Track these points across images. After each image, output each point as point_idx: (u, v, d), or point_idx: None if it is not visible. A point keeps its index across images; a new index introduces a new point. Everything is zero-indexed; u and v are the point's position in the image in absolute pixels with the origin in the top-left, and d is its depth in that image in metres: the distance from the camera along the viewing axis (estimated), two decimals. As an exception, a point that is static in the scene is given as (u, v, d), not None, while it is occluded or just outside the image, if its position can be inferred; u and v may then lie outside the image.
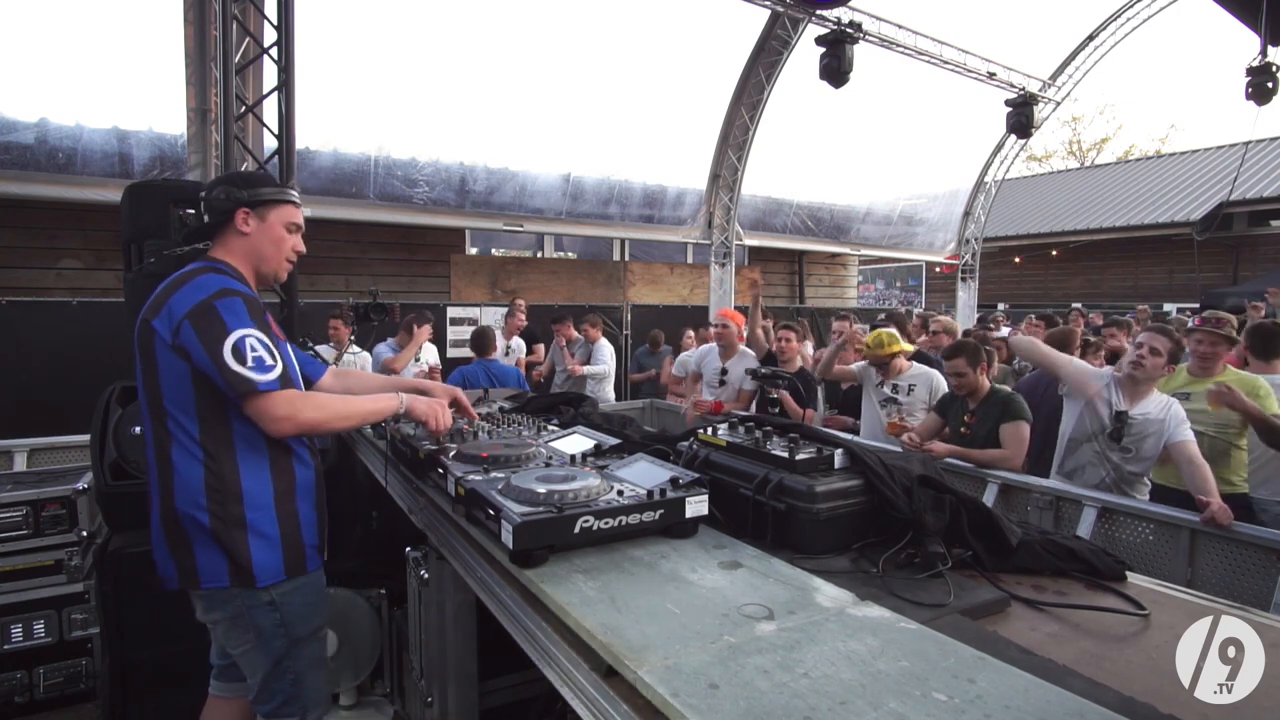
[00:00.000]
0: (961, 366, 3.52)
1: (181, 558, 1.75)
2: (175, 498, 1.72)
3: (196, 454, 1.72)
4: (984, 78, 10.77)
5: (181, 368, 1.70)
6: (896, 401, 4.07)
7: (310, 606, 1.87)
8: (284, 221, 1.91)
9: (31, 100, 6.08)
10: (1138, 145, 31.00)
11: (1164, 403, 3.08)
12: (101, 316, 6.31)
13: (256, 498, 1.76)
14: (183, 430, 1.72)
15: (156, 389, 1.73)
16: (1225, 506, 2.61)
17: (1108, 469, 3.14)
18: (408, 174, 8.11)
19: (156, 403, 1.74)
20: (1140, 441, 3.05)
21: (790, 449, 1.56)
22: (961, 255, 13.81)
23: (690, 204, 10.34)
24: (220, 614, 1.80)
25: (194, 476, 1.71)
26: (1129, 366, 3.12)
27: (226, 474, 1.73)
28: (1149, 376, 3.07)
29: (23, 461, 3.91)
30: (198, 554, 1.73)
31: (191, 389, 1.71)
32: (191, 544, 1.73)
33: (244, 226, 1.85)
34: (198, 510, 1.71)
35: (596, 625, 1.03)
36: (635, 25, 8.37)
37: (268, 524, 1.77)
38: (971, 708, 0.81)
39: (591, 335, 6.82)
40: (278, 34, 4.44)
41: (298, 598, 1.83)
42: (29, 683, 3.14)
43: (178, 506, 1.72)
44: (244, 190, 1.85)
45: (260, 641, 1.80)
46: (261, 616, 1.78)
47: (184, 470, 1.72)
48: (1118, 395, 3.12)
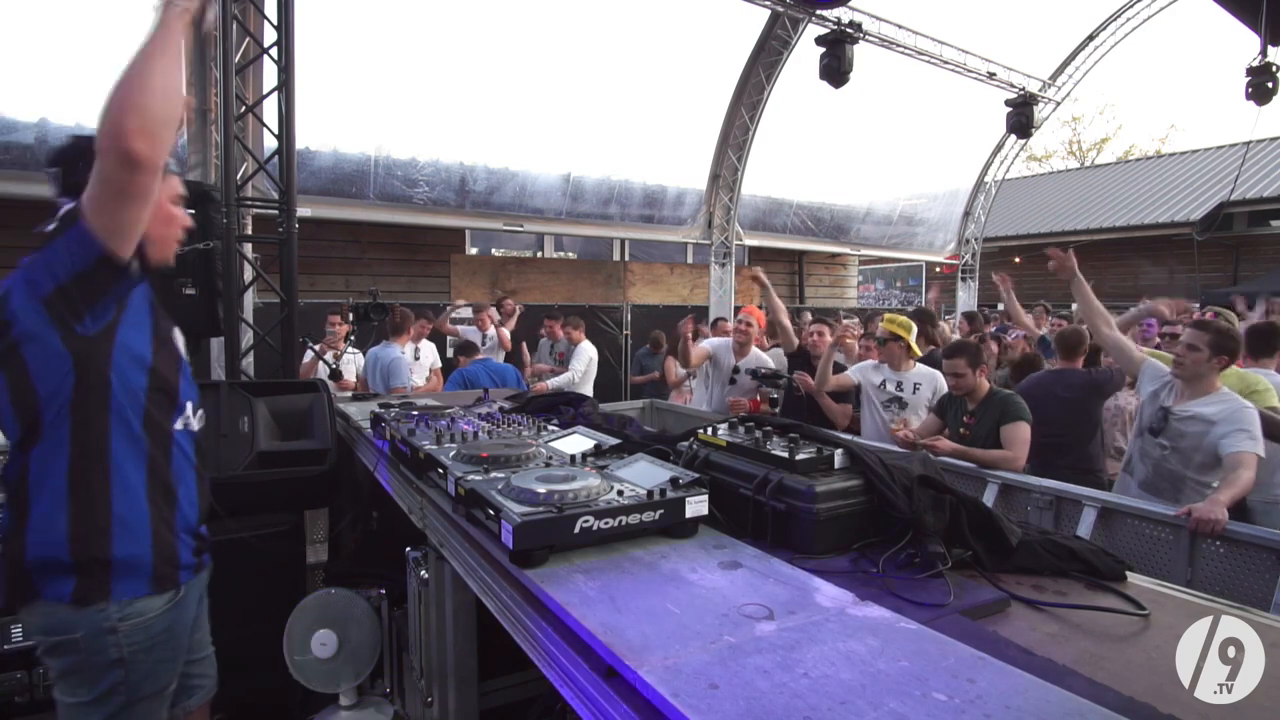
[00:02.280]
0: (962, 367, 3.52)
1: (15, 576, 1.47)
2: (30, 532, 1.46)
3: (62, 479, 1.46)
4: (984, 78, 10.77)
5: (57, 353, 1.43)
6: (901, 401, 4.02)
7: (169, 655, 1.58)
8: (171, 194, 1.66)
9: (31, 100, 6.08)
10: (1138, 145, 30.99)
11: (1229, 406, 2.88)
12: (101, 316, 6.30)
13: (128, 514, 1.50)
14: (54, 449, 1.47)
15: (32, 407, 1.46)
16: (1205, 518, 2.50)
17: (1147, 465, 3.10)
18: (408, 174, 8.11)
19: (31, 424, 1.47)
20: (1178, 439, 2.96)
21: (790, 449, 1.56)
22: (961, 255, 13.81)
23: (690, 204, 10.35)
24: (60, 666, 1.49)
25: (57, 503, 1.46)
26: (1173, 365, 3.08)
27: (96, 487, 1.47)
28: (1190, 374, 2.98)
29: (23, 461, 3.90)
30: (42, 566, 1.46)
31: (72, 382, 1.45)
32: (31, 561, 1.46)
33: None
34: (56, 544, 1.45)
35: (596, 625, 1.03)
36: (635, 25, 8.37)
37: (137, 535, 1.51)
38: (971, 708, 0.81)
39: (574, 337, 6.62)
40: (278, 34, 4.45)
41: (157, 648, 1.53)
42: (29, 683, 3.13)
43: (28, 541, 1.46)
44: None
45: (92, 696, 1.49)
46: (102, 672, 1.48)
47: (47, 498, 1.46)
48: (1172, 395, 3.09)
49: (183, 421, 1.63)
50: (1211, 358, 2.94)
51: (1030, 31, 10.73)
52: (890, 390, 4.06)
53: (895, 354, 4.04)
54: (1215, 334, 2.96)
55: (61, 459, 1.45)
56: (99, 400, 1.47)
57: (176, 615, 1.59)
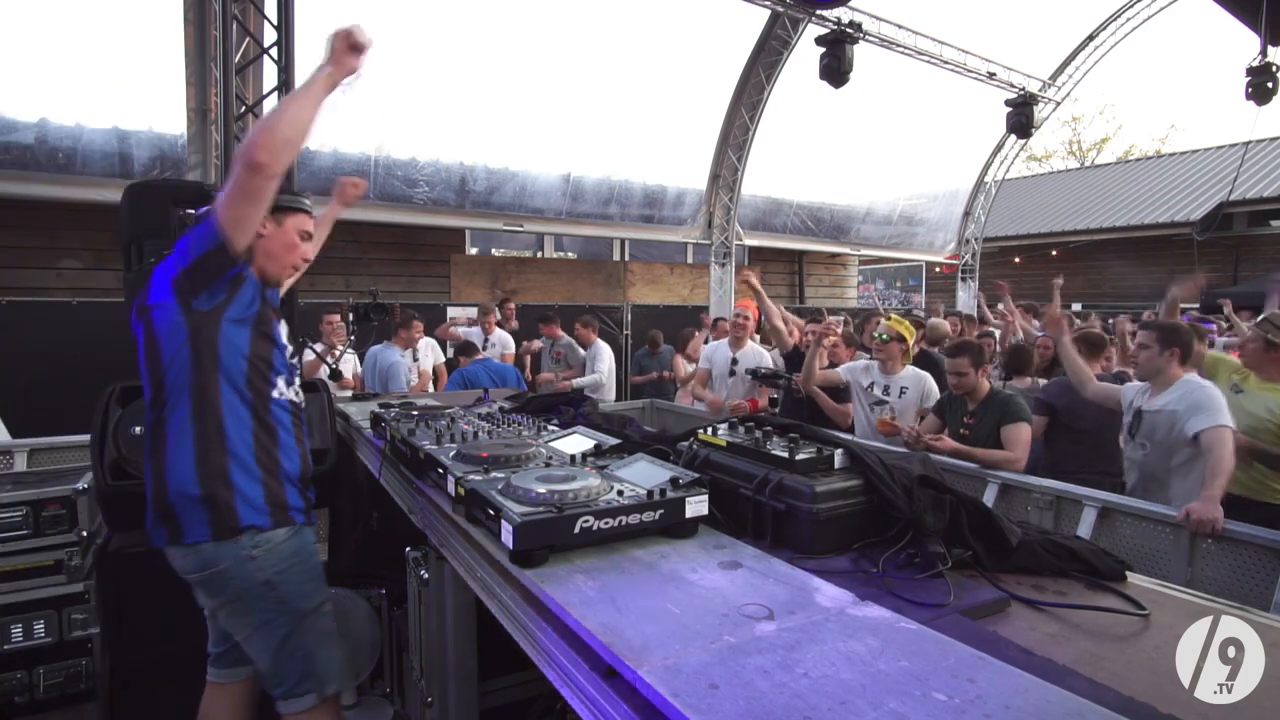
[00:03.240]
0: (964, 366, 3.51)
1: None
2: (168, 474, 1.77)
3: (188, 428, 1.77)
4: (984, 78, 10.78)
5: (178, 324, 1.76)
6: (887, 404, 4.00)
7: (307, 576, 1.88)
8: (298, 228, 2.00)
9: (31, 100, 6.08)
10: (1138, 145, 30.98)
11: (1186, 390, 2.92)
12: (101, 316, 6.31)
13: (240, 457, 1.80)
14: (177, 404, 1.77)
15: (159, 368, 1.79)
16: (1203, 519, 2.48)
17: (1134, 471, 3.16)
18: (408, 174, 8.11)
19: (159, 384, 1.80)
20: (1151, 435, 3.01)
21: (790, 449, 1.56)
22: (961, 255, 13.81)
23: (690, 204, 10.35)
24: (222, 598, 1.81)
25: (185, 449, 1.76)
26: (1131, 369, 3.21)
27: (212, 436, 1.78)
28: (1147, 372, 3.10)
29: (23, 461, 3.90)
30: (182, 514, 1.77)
31: (189, 350, 1.76)
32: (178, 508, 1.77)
33: (261, 227, 1.90)
34: (188, 481, 1.75)
35: (596, 625, 1.02)
36: (635, 25, 8.37)
37: (250, 475, 1.80)
38: (971, 708, 0.80)
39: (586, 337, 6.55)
40: (278, 34, 4.45)
41: (294, 569, 1.83)
42: (29, 683, 3.13)
43: (169, 481, 1.76)
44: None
45: (261, 621, 1.81)
46: (258, 595, 1.78)
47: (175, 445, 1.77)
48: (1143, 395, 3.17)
49: (278, 391, 1.92)
50: (1163, 352, 3.02)
51: (1030, 31, 10.74)
52: (876, 393, 4.04)
53: (894, 354, 4.03)
54: (1160, 330, 3.09)
55: (183, 412, 1.77)
56: (210, 365, 1.78)
57: (300, 542, 1.88)
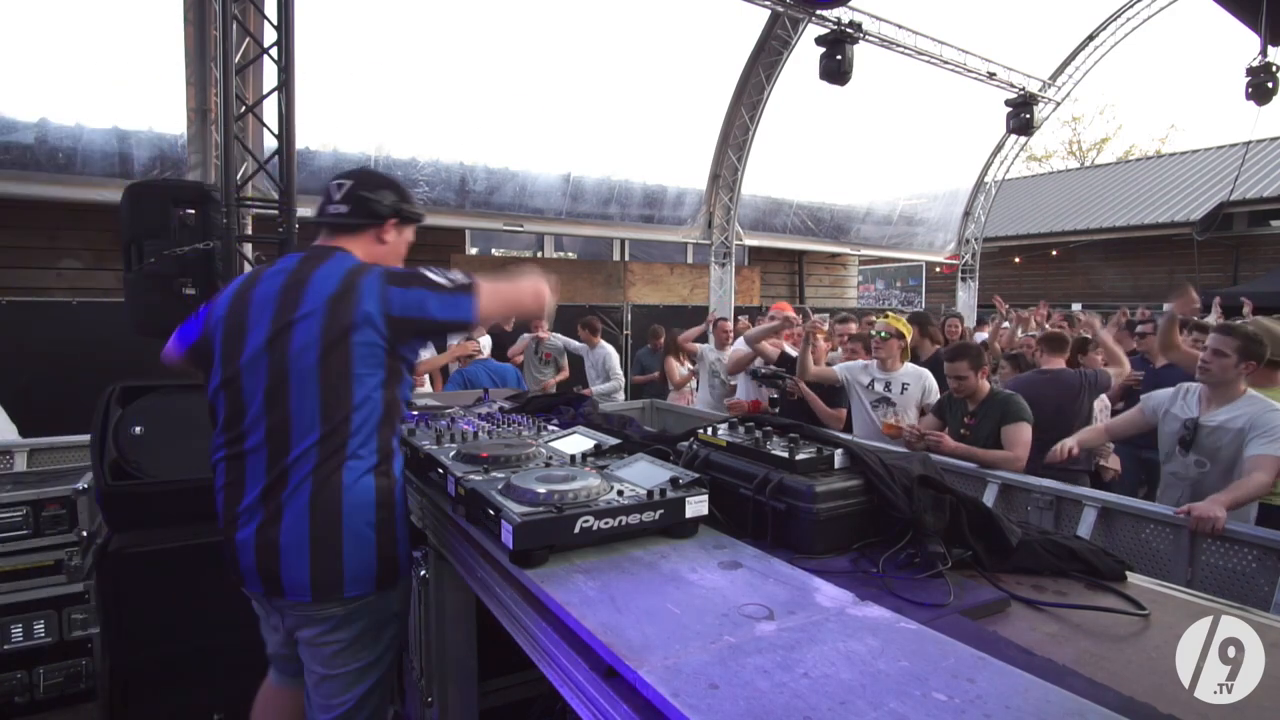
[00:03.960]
0: (964, 369, 3.51)
1: (326, 570, 1.60)
2: (344, 511, 1.60)
3: (366, 469, 1.62)
4: (984, 78, 10.77)
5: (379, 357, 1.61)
6: (890, 401, 4.00)
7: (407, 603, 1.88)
8: (409, 240, 1.94)
9: (31, 100, 6.08)
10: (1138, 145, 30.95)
11: (1253, 410, 2.76)
12: (101, 316, 6.31)
13: (399, 499, 1.72)
14: (359, 442, 1.61)
15: (341, 396, 1.60)
16: (1204, 516, 2.47)
17: (1182, 487, 2.92)
18: (408, 174, 8.11)
19: (333, 413, 1.60)
20: (1214, 454, 2.81)
21: (790, 449, 1.56)
22: (961, 255, 13.81)
23: (690, 204, 10.34)
24: (350, 631, 1.68)
25: (365, 492, 1.62)
26: (1198, 372, 2.94)
27: (390, 483, 1.67)
28: (1217, 380, 2.86)
29: (23, 461, 3.91)
30: (349, 562, 1.61)
31: (382, 392, 1.63)
32: (343, 553, 1.61)
33: (388, 235, 1.83)
34: (364, 525, 1.61)
35: (596, 625, 1.02)
36: (635, 25, 8.37)
37: (402, 523, 1.73)
38: (971, 708, 0.80)
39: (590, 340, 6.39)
40: (278, 34, 4.44)
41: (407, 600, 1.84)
42: (29, 683, 3.14)
43: (346, 519, 1.60)
44: (405, 202, 1.85)
45: (373, 657, 1.73)
46: (388, 629, 1.75)
47: (354, 486, 1.61)
48: (1195, 403, 2.96)
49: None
50: (1239, 363, 2.82)
51: (1030, 31, 10.73)
52: (879, 390, 4.04)
53: (893, 351, 4.03)
54: (1243, 339, 2.84)
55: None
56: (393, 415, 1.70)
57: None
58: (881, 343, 4.04)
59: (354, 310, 1.58)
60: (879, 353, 4.08)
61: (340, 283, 1.62)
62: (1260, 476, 2.60)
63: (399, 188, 1.88)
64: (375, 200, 1.79)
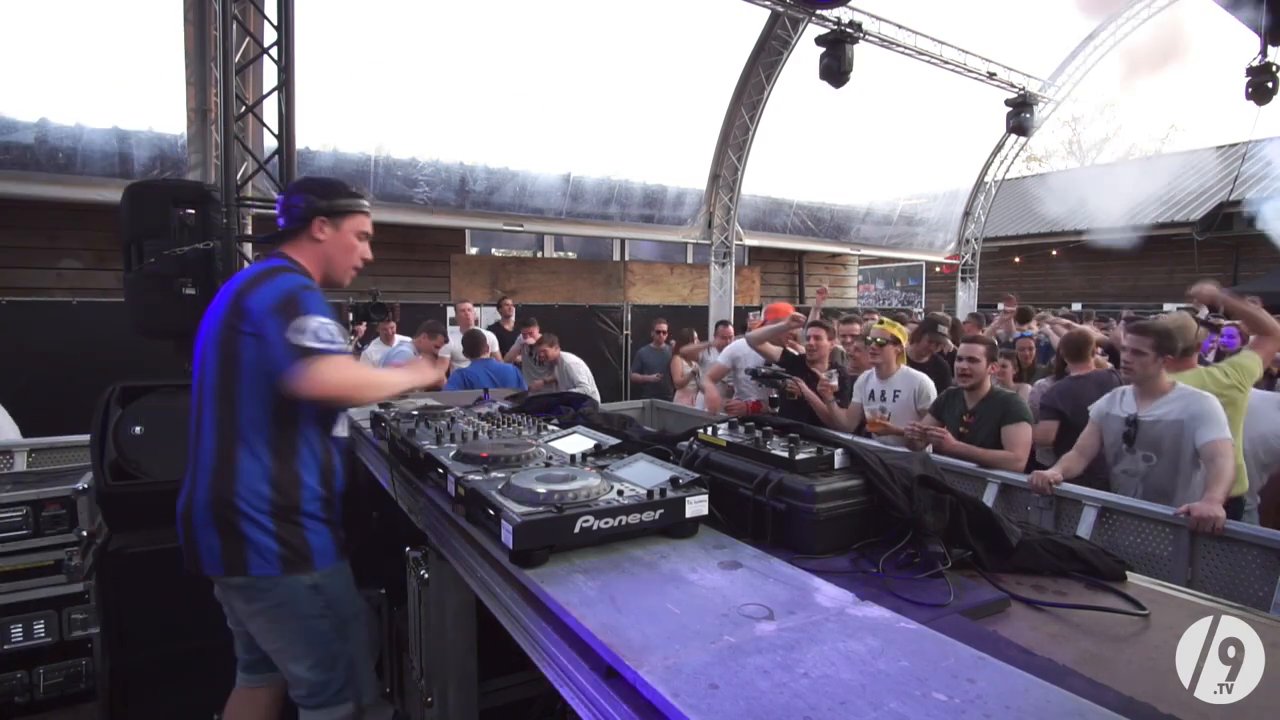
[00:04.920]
0: (978, 353, 3.50)
1: (230, 544, 1.78)
2: (236, 491, 1.77)
3: (262, 453, 1.79)
4: (984, 78, 10.78)
5: (260, 357, 1.77)
6: (885, 410, 4.02)
7: (349, 589, 1.94)
8: (355, 230, 2.02)
9: (31, 100, 6.08)
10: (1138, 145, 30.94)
11: (1186, 400, 2.89)
12: (101, 316, 6.31)
13: (312, 490, 1.85)
14: (255, 429, 1.80)
15: (232, 383, 1.80)
16: (1204, 516, 2.50)
17: (1133, 483, 3.02)
18: (408, 174, 8.11)
19: (229, 398, 1.80)
20: (1157, 446, 2.92)
21: (790, 449, 1.56)
22: (961, 255, 13.81)
23: (690, 204, 10.35)
24: (263, 604, 1.82)
25: (257, 473, 1.79)
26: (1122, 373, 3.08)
27: (289, 470, 1.81)
28: (1140, 377, 3.01)
29: (23, 461, 3.91)
30: (251, 543, 1.77)
31: (269, 384, 1.76)
32: (244, 534, 1.77)
33: (319, 234, 1.96)
34: (259, 503, 1.77)
35: (596, 625, 1.02)
36: (635, 25, 8.37)
37: (321, 513, 1.86)
38: (971, 708, 0.80)
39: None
40: (278, 34, 4.45)
41: (339, 580, 1.89)
42: (29, 683, 3.14)
43: (238, 502, 1.77)
44: (323, 200, 1.96)
45: (303, 629, 1.83)
46: (306, 603, 1.81)
47: (248, 467, 1.79)
48: (1132, 401, 3.06)
49: None
50: (1157, 358, 2.98)
51: (1030, 31, 10.73)
52: (877, 400, 4.08)
53: (890, 357, 4.05)
54: (1157, 335, 3.01)
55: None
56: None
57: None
58: (878, 349, 4.04)
59: (240, 320, 1.79)
60: (874, 359, 4.09)
61: (230, 297, 1.83)
62: (1222, 461, 2.70)
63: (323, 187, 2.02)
64: (294, 205, 1.97)
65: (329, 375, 1.70)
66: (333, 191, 2.00)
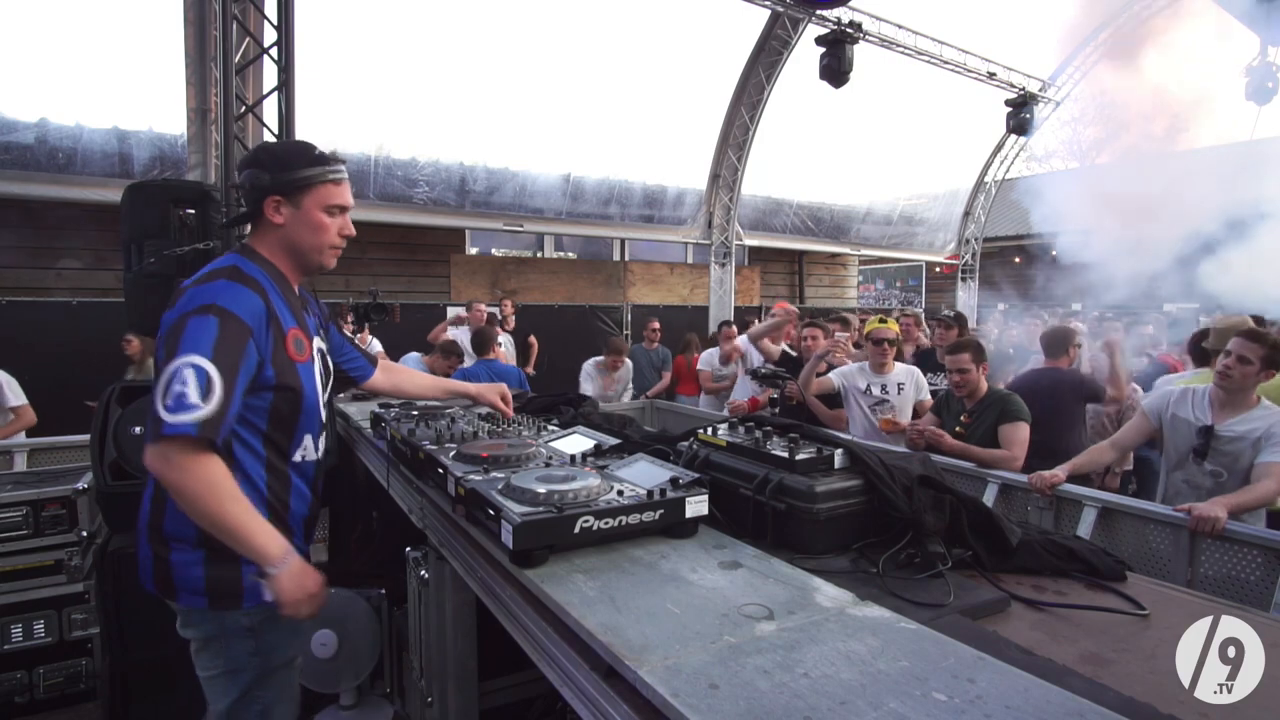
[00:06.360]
0: (966, 363, 3.50)
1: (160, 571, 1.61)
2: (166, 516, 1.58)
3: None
4: (984, 78, 10.78)
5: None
6: (888, 402, 4.06)
7: (288, 634, 1.72)
8: (322, 205, 1.67)
9: (31, 100, 6.08)
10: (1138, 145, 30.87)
11: (1270, 420, 2.70)
12: (101, 316, 6.32)
13: None
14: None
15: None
16: (1205, 516, 2.46)
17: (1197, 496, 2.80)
18: (408, 174, 8.11)
19: None
20: (1233, 463, 2.75)
21: (790, 449, 1.56)
22: (961, 255, 13.81)
23: (690, 204, 10.34)
24: (194, 632, 1.66)
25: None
26: (1216, 377, 2.85)
27: None
28: (1237, 387, 2.78)
29: (23, 461, 3.91)
30: (178, 571, 1.59)
31: None
32: (171, 560, 1.58)
33: (275, 216, 1.63)
34: (187, 533, 1.56)
35: (596, 625, 1.02)
36: (635, 26, 8.37)
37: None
38: (971, 708, 0.80)
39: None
40: (278, 34, 4.45)
41: (278, 625, 1.65)
42: (29, 683, 3.14)
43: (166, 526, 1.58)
44: (272, 174, 1.61)
45: (229, 667, 1.65)
46: (236, 642, 1.63)
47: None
48: (1207, 409, 2.87)
49: None
50: (1261, 370, 2.74)
51: (1030, 31, 10.73)
52: (876, 394, 4.10)
53: (887, 355, 4.08)
54: (1270, 347, 2.75)
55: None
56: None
57: None
58: (875, 348, 4.10)
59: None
60: (874, 357, 4.13)
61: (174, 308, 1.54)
62: (1269, 484, 2.57)
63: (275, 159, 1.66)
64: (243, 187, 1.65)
65: (165, 470, 1.39)
66: (286, 163, 1.63)
